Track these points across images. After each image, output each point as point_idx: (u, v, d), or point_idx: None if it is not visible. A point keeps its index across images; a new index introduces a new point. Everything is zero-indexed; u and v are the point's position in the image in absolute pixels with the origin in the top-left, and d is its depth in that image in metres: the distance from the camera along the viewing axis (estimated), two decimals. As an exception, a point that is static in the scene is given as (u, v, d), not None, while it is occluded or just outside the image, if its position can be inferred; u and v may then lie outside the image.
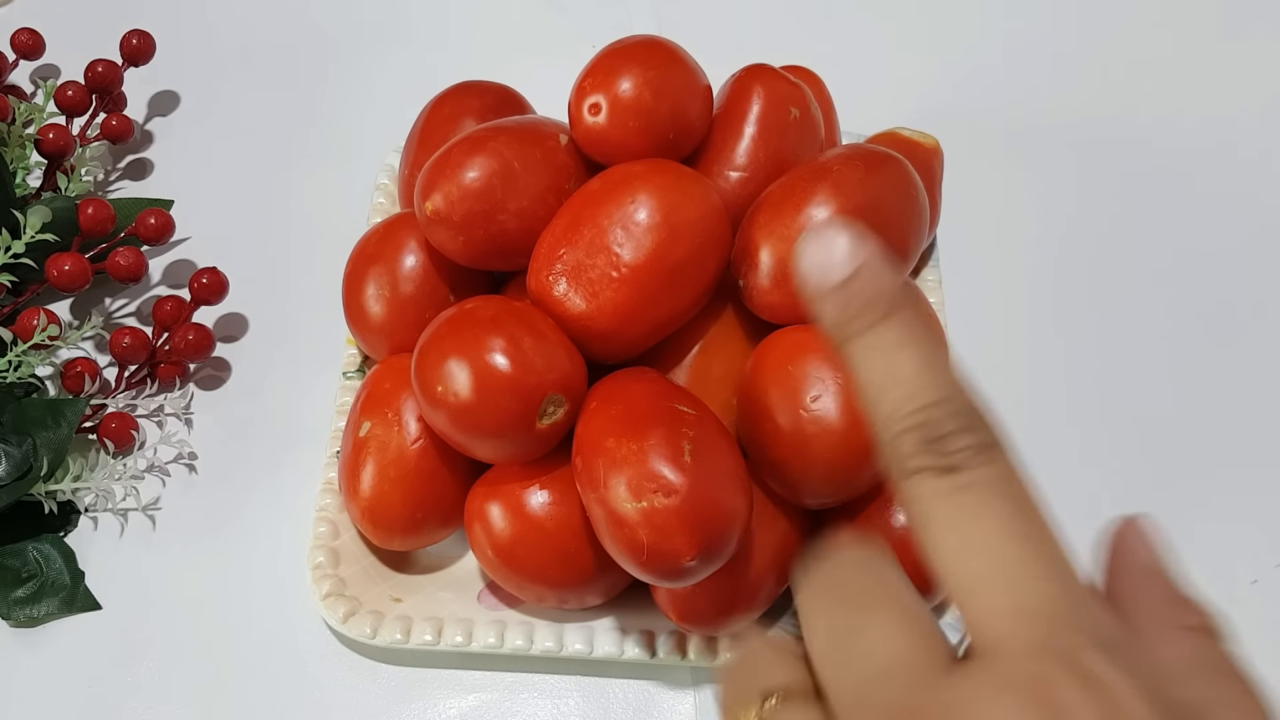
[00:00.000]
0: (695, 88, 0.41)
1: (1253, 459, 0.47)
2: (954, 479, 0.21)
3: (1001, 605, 0.20)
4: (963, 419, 0.22)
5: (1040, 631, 0.19)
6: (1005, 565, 0.20)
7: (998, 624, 0.20)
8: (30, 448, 0.43)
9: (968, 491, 0.21)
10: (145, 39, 0.57)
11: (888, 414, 0.22)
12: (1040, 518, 0.21)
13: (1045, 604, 0.20)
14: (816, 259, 0.23)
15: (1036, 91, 0.59)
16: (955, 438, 0.21)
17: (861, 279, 0.23)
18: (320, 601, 0.41)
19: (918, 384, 0.22)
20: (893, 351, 0.23)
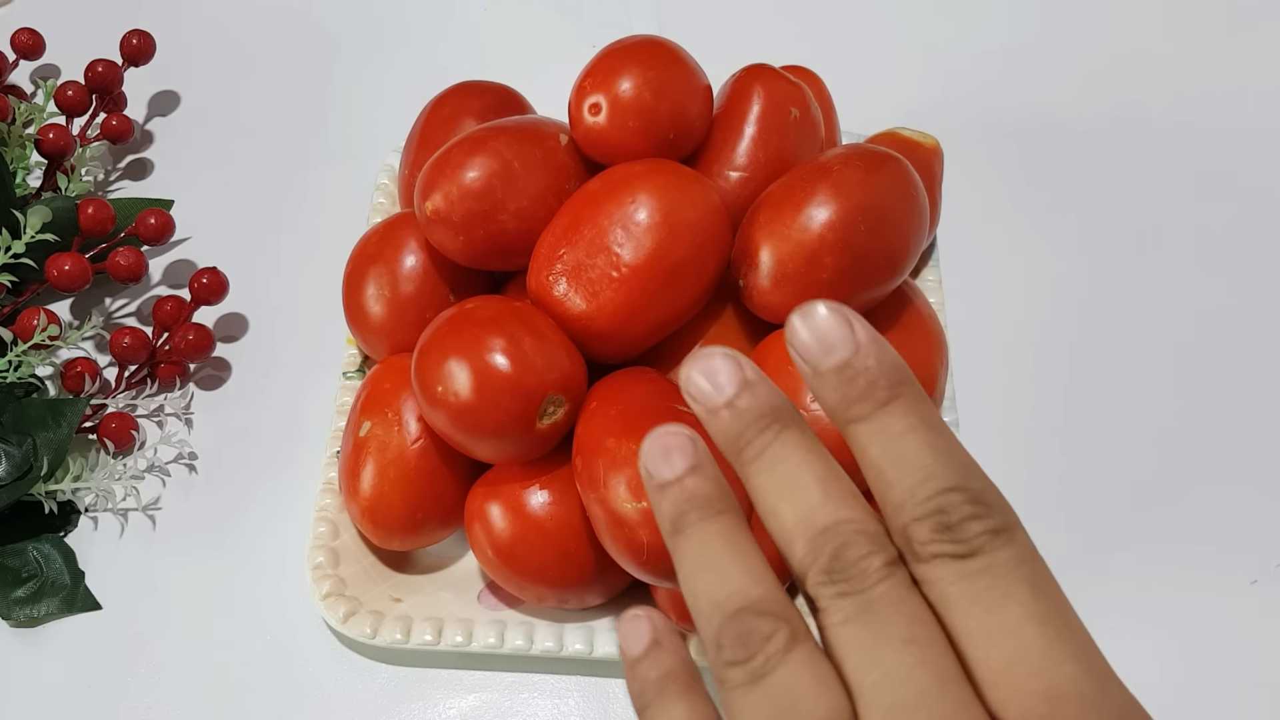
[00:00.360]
0: (695, 88, 0.41)
1: (1254, 459, 0.47)
2: (972, 564, 0.22)
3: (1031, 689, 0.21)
4: (977, 505, 0.22)
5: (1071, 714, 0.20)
6: (1030, 649, 0.21)
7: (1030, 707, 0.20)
8: (30, 448, 0.43)
9: (986, 575, 0.21)
10: (145, 39, 0.57)
11: (900, 501, 0.22)
12: (1059, 598, 0.22)
13: (1073, 687, 0.20)
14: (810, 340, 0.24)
15: (1037, 91, 0.59)
16: (971, 523, 0.22)
17: (860, 360, 0.23)
18: (320, 601, 0.41)
19: (929, 471, 0.22)
20: (901, 438, 0.23)
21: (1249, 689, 0.42)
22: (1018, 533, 0.22)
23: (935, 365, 0.42)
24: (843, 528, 0.23)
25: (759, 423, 0.24)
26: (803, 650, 0.22)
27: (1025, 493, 0.46)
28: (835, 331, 0.24)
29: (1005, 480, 0.49)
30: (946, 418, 0.45)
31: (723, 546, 0.24)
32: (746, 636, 0.23)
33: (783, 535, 0.24)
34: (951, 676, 0.21)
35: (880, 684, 0.21)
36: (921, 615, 0.22)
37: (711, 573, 0.24)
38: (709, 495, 0.25)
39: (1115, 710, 0.20)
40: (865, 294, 0.40)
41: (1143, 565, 0.44)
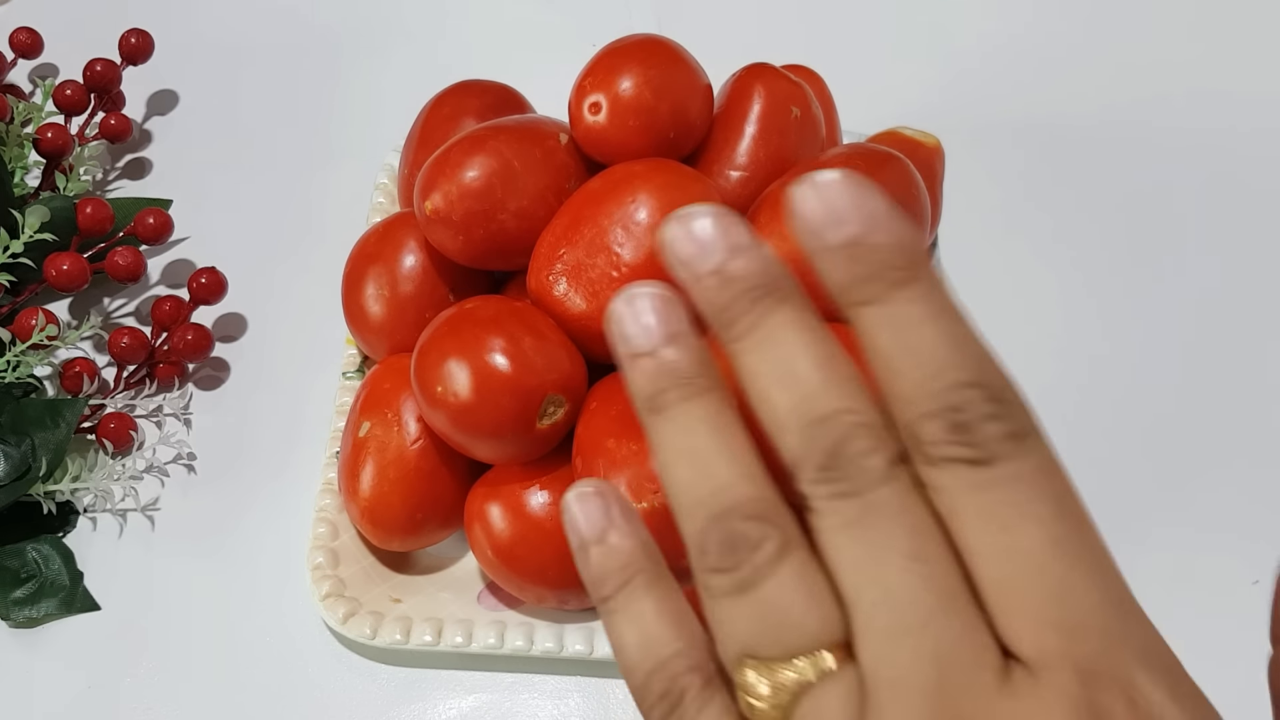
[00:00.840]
0: (696, 87, 0.41)
1: (1255, 459, 0.47)
2: (988, 472, 0.19)
3: (1048, 618, 0.19)
4: (996, 404, 0.19)
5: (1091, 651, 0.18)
6: (1048, 574, 0.19)
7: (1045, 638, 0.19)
8: (29, 448, 0.43)
9: (1004, 487, 0.19)
10: (144, 38, 0.57)
11: (910, 394, 0.20)
12: (1083, 519, 0.20)
13: (1094, 619, 0.19)
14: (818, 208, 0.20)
15: (1038, 90, 0.59)
16: (989, 424, 0.19)
17: (877, 235, 0.20)
18: (320, 602, 0.41)
19: (945, 362, 0.19)
20: (917, 326, 0.20)
21: (1250, 689, 0.41)
22: (1040, 440, 0.20)
23: (936, 365, 0.42)
24: (843, 418, 0.20)
25: (751, 293, 0.21)
26: (794, 560, 0.20)
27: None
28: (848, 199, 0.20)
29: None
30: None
31: (707, 433, 0.21)
32: (734, 543, 0.20)
33: (774, 423, 0.21)
34: (959, 599, 0.19)
35: (879, 604, 0.19)
36: (927, 527, 0.19)
37: (694, 464, 0.21)
38: (690, 369, 0.22)
39: (1138, 647, 0.19)
40: (866, 294, 0.39)
41: (1143, 565, 0.43)
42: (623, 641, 0.22)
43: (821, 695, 0.20)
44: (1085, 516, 0.20)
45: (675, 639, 0.22)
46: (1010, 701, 0.18)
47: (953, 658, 0.19)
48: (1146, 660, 0.19)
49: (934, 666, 0.18)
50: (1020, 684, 0.18)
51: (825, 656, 0.20)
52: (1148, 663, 0.19)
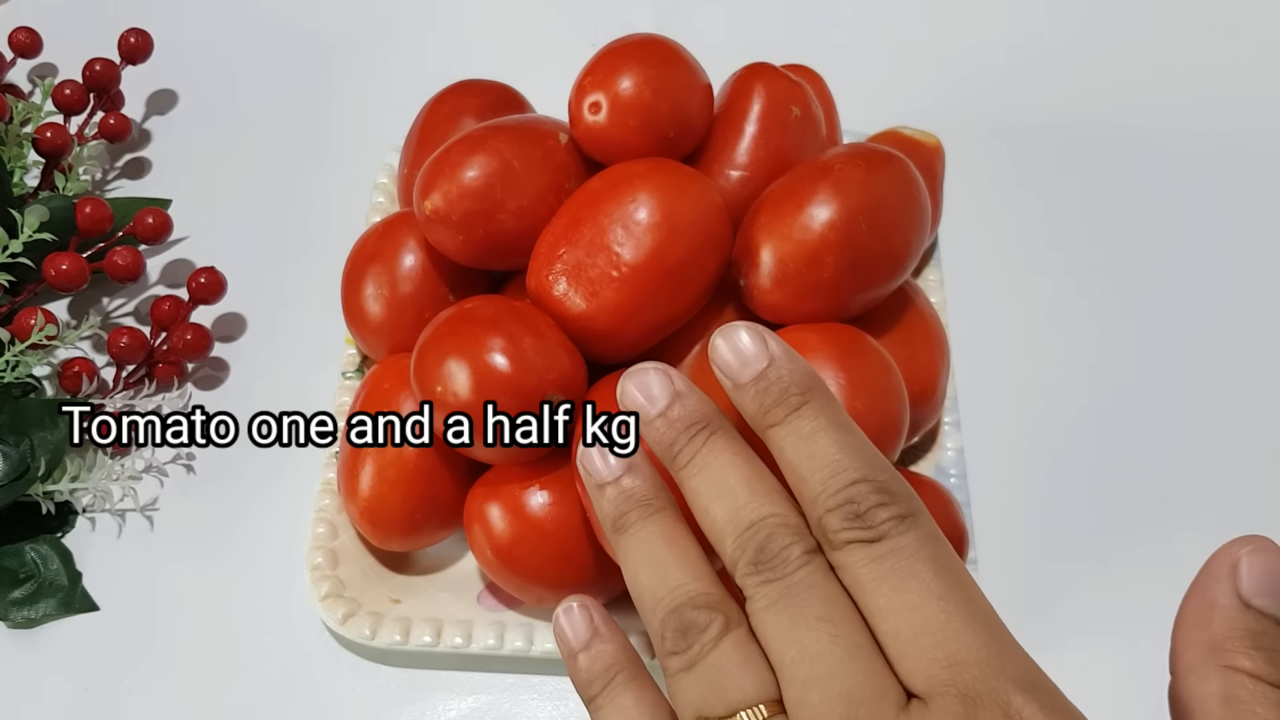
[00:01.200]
0: (696, 86, 0.41)
1: (1255, 459, 0.47)
2: (879, 547, 0.24)
3: (934, 656, 0.22)
4: (882, 494, 0.24)
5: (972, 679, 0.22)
6: (932, 622, 0.23)
7: (934, 675, 0.22)
8: (28, 448, 0.43)
9: (893, 557, 0.24)
10: (143, 37, 0.57)
11: (814, 495, 0.25)
12: (961, 575, 0.24)
13: (972, 654, 0.22)
14: (729, 357, 0.27)
15: (1039, 90, 0.59)
16: (878, 510, 0.24)
17: (773, 372, 0.26)
18: (319, 602, 0.41)
19: (838, 466, 0.25)
20: (811, 438, 0.25)
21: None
22: (921, 518, 0.24)
23: (937, 365, 0.42)
24: (767, 522, 0.25)
25: (689, 430, 0.27)
26: (734, 636, 0.25)
27: (1026, 493, 0.46)
28: (751, 347, 0.27)
29: (1006, 481, 0.49)
30: (947, 419, 0.45)
31: (663, 545, 0.27)
32: (686, 628, 0.25)
33: (714, 533, 0.26)
34: (862, 649, 0.23)
35: (798, 660, 0.24)
36: (835, 596, 0.24)
37: (654, 570, 0.26)
38: (646, 494, 0.28)
39: (1012, 674, 0.22)
40: (866, 293, 0.39)
41: (1144, 565, 0.43)
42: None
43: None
44: (963, 573, 0.24)
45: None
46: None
47: (858, 697, 0.23)
48: (1020, 684, 0.22)
49: (842, 704, 0.23)
50: (915, 712, 0.22)
51: (760, 710, 0.24)
52: (1022, 685, 0.22)
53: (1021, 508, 0.45)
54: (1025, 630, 0.25)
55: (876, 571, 0.24)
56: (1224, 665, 0.23)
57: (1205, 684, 0.23)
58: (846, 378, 0.37)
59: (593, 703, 0.27)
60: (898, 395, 0.38)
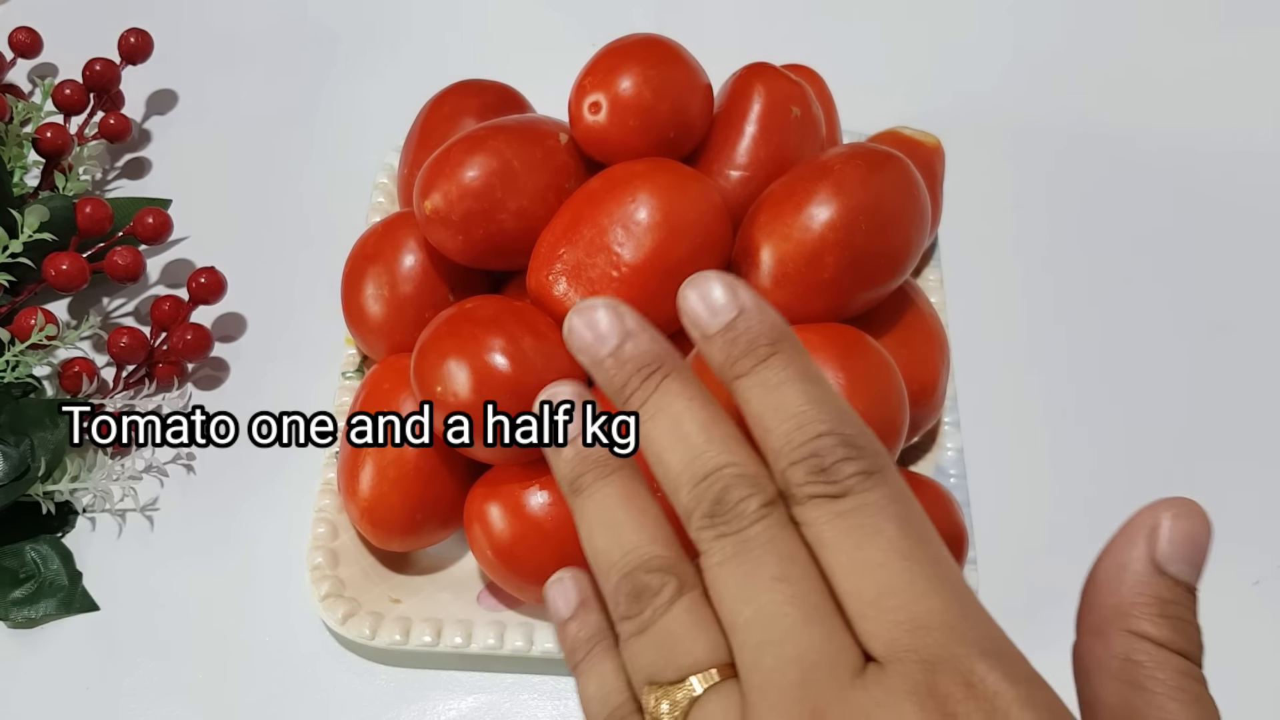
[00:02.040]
0: (696, 86, 0.41)
1: (1254, 458, 0.47)
2: (843, 503, 0.23)
3: (894, 618, 0.21)
4: (848, 448, 0.23)
5: (934, 643, 0.21)
6: (896, 582, 0.22)
7: (895, 638, 0.21)
8: (28, 448, 0.43)
9: (857, 514, 0.23)
10: (143, 37, 0.57)
11: (778, 447, 0.24)
12: (927, 534, 0.23)
13: (935, 618, 0.21)
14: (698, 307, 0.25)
15: (1038, 90, 0.59)
16: (843, 465, 0.23)
17: (742, 322, 0.25)
18: (319, 602, 0.41)
19: (805, 418, 0.23)
20: (778, 389, 0.24)
21: (1251, 690, 0.41)
22: (889, 474, 0.23)
23: (936, 365, 0.42)
24: (724, 473, 0.24)
25: (641, 372, 0.25)
26: (687, 599, 0.24)
27: (1027, 492, 0.46)
28: (721, 297, 0.25)
29: (1007, 479, 0.49)
30: (947, 419, 0.45)
31: (619, 505, 0.26)
32: (638, 592, 0.24)
33: (669, 483, 0.25)
34: (820, 610, 0.22)
35: (751, 622, 0.22)
36: (793, 553, 0.23)
37: (609, 533, 0.25)
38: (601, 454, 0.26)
39: (975, 638, 0.21)
40: (866, 293, 0.39)
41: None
42: (586, 693, 0.26)
43: (708, 704, 0.23)
44: (929, 533, 0.23)
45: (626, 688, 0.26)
46: (861, 692, 0.21)
47: (811, 660, 0.22)
48: (984, 650, 0.21)
49: (795, 668, 0.22)
50: (872, 676, 0.21)
51: (712, 674, 0.23)
52: (985, 652, 0.21)
53: (1021, 508, 0.45)
54: (1025, 630, 0.25)
55: (839, 528, 0.23)
56: (1127, 630, 0.23)
57: (1106, 646, 0.23)
58: (846, 378, 0.37)
59: (576, 668, 0.27)
60: (898, 395, 0.38)
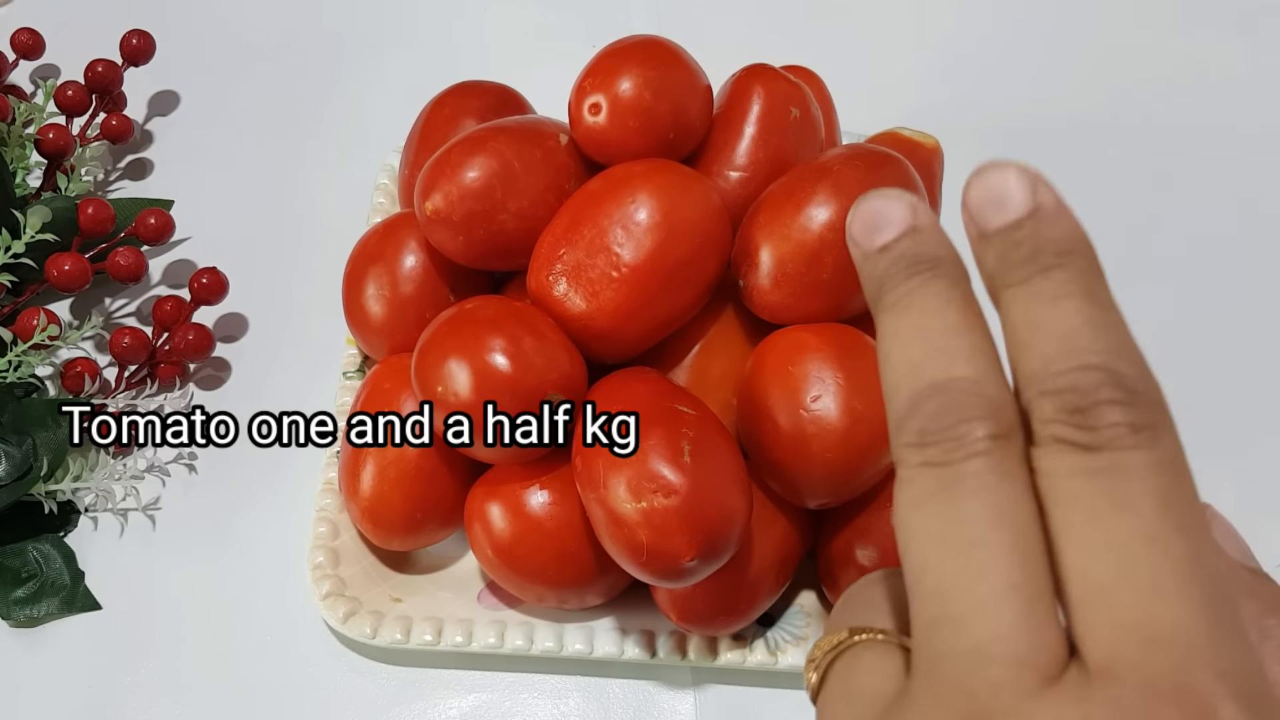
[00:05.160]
0: (695, 87, 0.41)
1: (1253, 458, 0.47)
2: (1095, 459, 0.18)
3: (1124, 620, 0.17)
4: (1119, 389, 0.18)
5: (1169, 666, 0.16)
6: (1138, 574, 0.17)
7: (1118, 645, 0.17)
8: (30, 448, 0.43)
9: (1109, 476, 0.18)
10: (145, 39, 0.57)
11: (1032, 371, 0.19)
12: (1191, 523, 0.18)
13: (1180, 632, 0.16)
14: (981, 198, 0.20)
15: (1037, 91, 0.59)
16: (1107, 409, 0.18)
17: (1031, 223, 0.20)
18: (320, 601, 0.41)
19: (1074, 341, 0.18)
20: (1051, 302, 0.19)
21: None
22: (1163, 434, 0.18)
23: (935, 365, 0.42)
24: (954, 385, 0.19)
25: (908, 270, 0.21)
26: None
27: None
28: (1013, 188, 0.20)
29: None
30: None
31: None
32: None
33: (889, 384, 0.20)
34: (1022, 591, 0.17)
35: (931, 592, 0.18)
36: (1009, 510, 0.18)
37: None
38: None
39: (1228, 668, 0.16)
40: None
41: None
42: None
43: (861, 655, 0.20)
44: (1197, 521, 0.18)
45: None
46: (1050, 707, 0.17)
47: (993, 654, 0.17)
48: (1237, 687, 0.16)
49: (969, 661, 0.17)
50: (1068, 688, 0.17)
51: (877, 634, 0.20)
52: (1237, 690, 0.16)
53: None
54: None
55: (1082, 488, 0.18)
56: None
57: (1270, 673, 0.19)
58: (846, 378, 0.37)
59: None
60: (896, 395, 0.38)
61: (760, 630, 0.40)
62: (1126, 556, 0.17)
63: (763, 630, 0.40)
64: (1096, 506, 0.18)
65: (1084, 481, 0.18)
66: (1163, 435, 0.18)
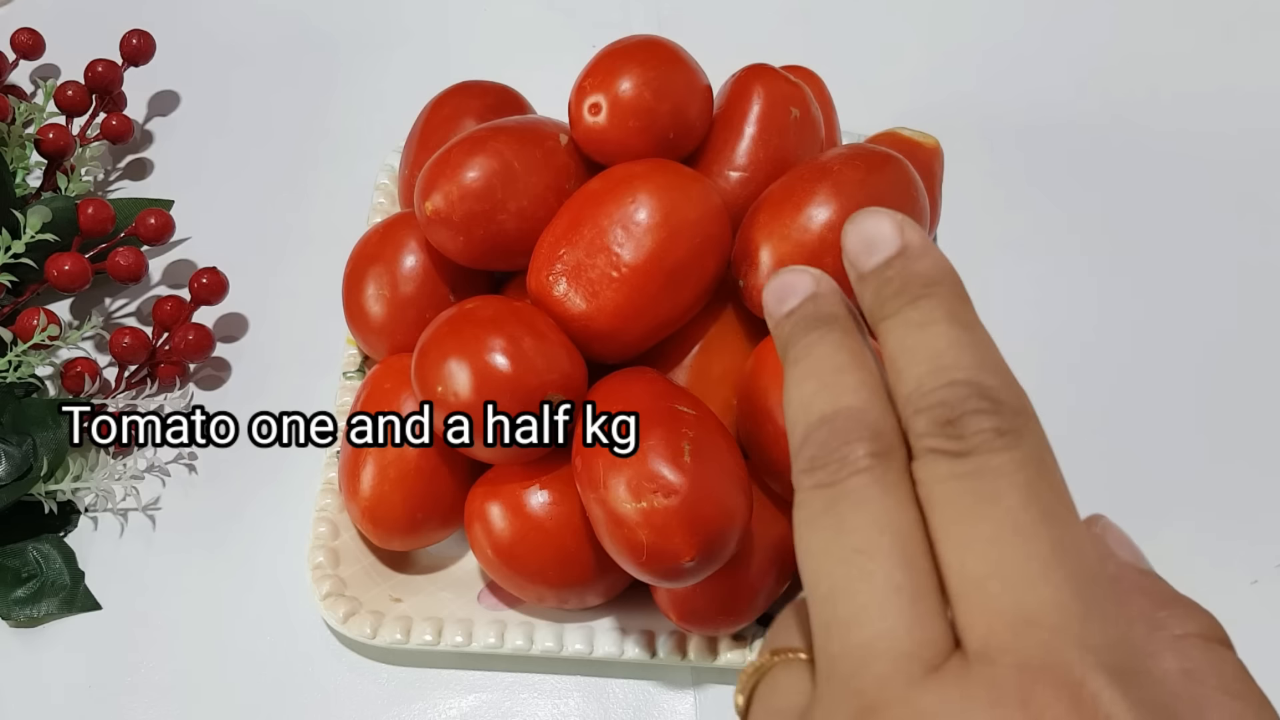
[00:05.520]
0: (695, 87, 0.41)
1: (1253, 458, 0.47)
2: (964, 463, 0.19)
3: (998, 609, 0.18)
4: (984, 399, 0.20)
5: (1038, 645, 0.17)
6: (1007, 564, 0.18)
7: (992, 631, 0.18)
8: (30, 448, 0.43)
9: (977, 477, 0.19)
10: (145, 39, 0.57)
11: (908, 392, 0.21)
12: (1057, 513, 0.19)
13: (1048, 614, 0.18)
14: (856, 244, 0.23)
15: (1037, 91, 0.59)
16: (973, 418, 0.19)
17: (900, 261, 0.22)
18: (320, 601, 0.41)
19: (941, 360, 0.20)
20: (920, 328, 0.21)
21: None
22: (1026, 435, 0.20)
23: (935, 365, 0.42)
24: (839, 415, 0.21)
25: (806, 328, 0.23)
26: None
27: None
28: (883, 231, 0.22)
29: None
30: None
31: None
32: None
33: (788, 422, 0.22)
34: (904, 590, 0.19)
35: (824, 598, 0.20)
36: (889, 518, 0.20)
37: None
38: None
39: (1097, 645, 0.17)
40: (865, 294, 0.39)
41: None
42: None
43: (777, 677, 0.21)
44: (1063, 511, 0.19)
45: None
46: (931, 693, 0.18)
47: (879, 648, 0.18)
48: (1106, 662, 0.17)
49: (859, 656, 0.19)
50: (949, 674, 0.18)
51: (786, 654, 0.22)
52: (1107, 664, 0.17)
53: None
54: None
55: (953, 490, 0.19)
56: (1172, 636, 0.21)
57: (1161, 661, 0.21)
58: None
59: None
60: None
61: (760, 630, 0.40)
62: (995, 549, 0.18)
63: (763, 630, 0.40)
64: (966, 505, 0.19)
65: (955, 484, 0.19)
66: (1026, 436, 0.20)
